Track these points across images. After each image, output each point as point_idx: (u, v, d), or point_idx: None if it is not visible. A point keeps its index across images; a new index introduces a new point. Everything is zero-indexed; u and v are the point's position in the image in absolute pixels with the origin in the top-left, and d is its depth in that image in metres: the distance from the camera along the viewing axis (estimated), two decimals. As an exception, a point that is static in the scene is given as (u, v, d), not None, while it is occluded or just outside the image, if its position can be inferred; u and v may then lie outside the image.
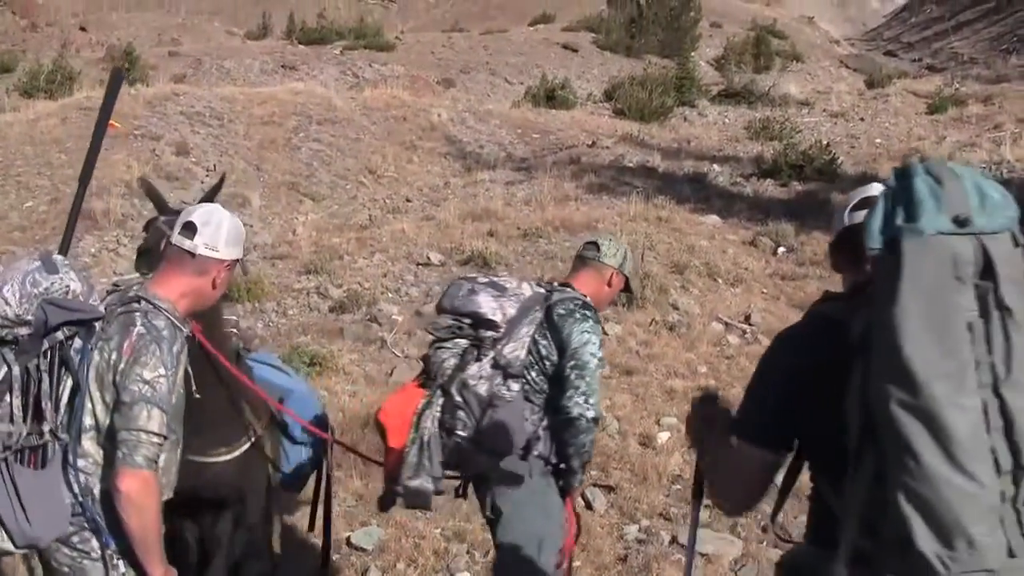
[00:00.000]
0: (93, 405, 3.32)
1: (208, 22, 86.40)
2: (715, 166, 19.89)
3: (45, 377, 3.21)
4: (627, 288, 4.96)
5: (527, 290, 4.62)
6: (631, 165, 20.03)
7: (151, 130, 19.52)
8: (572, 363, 4.34)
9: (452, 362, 4.46)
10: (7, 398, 3.18)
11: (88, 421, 3.32)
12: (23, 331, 3.17)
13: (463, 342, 4.50)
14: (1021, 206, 2.27)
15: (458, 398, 4.40)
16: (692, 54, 42.11)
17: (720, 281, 12.78)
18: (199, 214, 3.57)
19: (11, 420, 3.16)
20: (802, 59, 57.64)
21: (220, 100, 22.40)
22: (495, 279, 4.69)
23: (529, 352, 4.43)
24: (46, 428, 3.23)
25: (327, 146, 20.68)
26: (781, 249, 14.13)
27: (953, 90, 28.32)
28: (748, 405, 2.73)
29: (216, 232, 3.56)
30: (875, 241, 2.26)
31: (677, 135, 24.53)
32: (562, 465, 4.45)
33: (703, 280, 12.69)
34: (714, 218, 15.64)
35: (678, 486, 7.57)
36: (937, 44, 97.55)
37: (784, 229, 14.68)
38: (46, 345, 3.23)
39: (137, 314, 3.38)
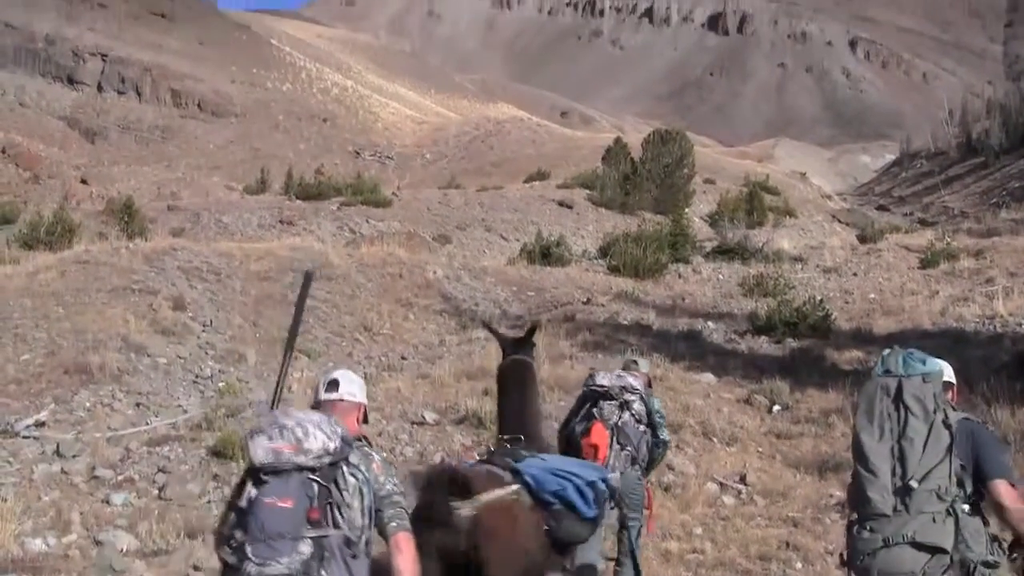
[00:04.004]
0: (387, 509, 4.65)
1: (207, 177, 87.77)
2: (709, 323, 19.99)
3: (345, 493, 4.36)
4: None
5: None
6: (626, 322, 20.09)
7: (149, 284, 19.66)
8: (659, 414, 8.17)
9: (616, 412, 7.88)
10: (327, 511, 4.31)
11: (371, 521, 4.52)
12: (327, 460, 4.33)
13: (616, 401, 7.95)
14: (1017, 358, 9.92)
15: (624, 432, 7.83)
16: (686, 210, 42.52)
17: (715, 440, 12.72)
18: (337, 374, 5.05)
19: (350, 525, 4.34)
20: (795, 214, 58.49)
21: (218, 255, 22.58)
22: (613, 372, 8.33)
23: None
24: (358, 527, 4.39)
25: (323, 302, 20.74)
26: (776, 407, 14.06)
27: (945, 244, 28.50)
28: None
29: (351, 385, 4.99)
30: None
31: (672, 292, 24.66)
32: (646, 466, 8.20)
33: (698, 439, 12.64)
34: (709, 376, 15.60)
35: (674, 654, 7.44)
36: (928, 198, 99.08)
37: (779, 387, 14.64)
38: (340, 469, 4.41)
39: (366, 448, 4.75)
